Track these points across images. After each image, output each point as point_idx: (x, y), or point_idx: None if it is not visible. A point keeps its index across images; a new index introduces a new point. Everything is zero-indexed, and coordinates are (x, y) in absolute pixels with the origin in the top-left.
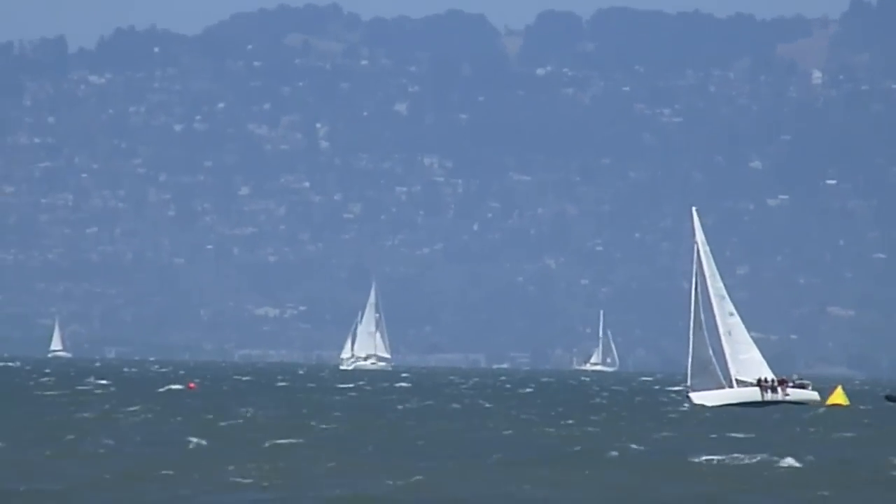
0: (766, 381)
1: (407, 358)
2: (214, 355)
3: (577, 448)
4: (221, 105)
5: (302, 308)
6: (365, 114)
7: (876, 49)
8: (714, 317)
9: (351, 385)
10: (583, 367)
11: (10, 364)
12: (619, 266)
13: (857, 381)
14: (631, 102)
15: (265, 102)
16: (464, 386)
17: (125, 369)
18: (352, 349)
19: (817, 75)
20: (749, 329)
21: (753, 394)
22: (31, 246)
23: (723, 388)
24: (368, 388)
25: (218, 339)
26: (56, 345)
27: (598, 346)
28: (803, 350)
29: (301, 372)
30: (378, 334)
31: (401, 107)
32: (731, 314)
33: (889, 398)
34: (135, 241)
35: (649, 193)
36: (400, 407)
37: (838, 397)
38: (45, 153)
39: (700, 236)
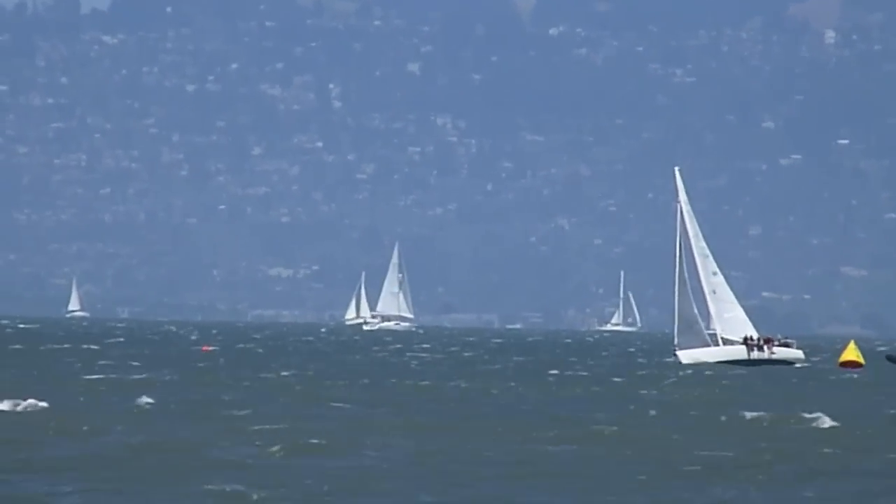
0: (752, 339)
1: (420, 318)
2: (228, 315)
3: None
4: (234, 65)
5: (315, 268)
6: (377, 74)
7: (889, 9)
8: (699, 276)
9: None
10: (602, 328)
11: (30, 326)
12: (632, 226)
13: (874, 341)
14: (644, 62)
15: (278, 62)
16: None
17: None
18: (357, 310)
19: (830, 35)
20: (762, 289)
21: (740, 352)
22: (45, 206)
23: (709, 346)
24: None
25: (231, 300)
26: (74, 305)
27: (619, 305)
28: (817, 310)
29: (323, 331)
30: (401, 295)
31: (413, 67)
32: (715, 273)
33: (890, 358)
34: (147, 202)
35: (662, 153)
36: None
37: (851, 353)
38: (58, 113)
39: (683, 196)
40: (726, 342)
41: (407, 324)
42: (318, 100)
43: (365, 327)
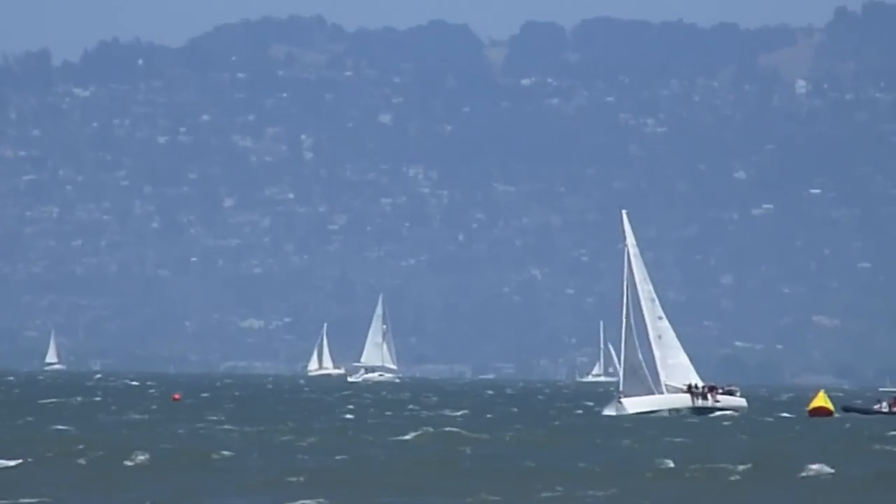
0: (696, 387)
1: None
2: (199, 367)
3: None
4: (206, 117)
5: (287, 320)
6: (349, 125)
7: (861, 58)
8: (645, 321)
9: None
10: (583, 380)
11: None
12: (604, 276)
13: (838, 392)
14: (615, 112)
15: (249, 114)
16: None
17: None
18: (319, 361)
19: (801, 84)
20: (734, 338)
21: (684, 400)
22: (17, 258)
23: (653, 393)
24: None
25: (203, 351)
26: (52, 357)
27: (599, 356)
28: (789, 359)
29: (302, 381)
30: (385, 345)
31: (385, 118)
32: (661, 318)
33: (846, 409)
34: (119, 254)
35: (634, 203)
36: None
37: (821, 400)
38: (29, 166)
39: (630, 239)
40: (669, 389)
41: (391, 375)
42: (290, 151)
43: (349, 379)
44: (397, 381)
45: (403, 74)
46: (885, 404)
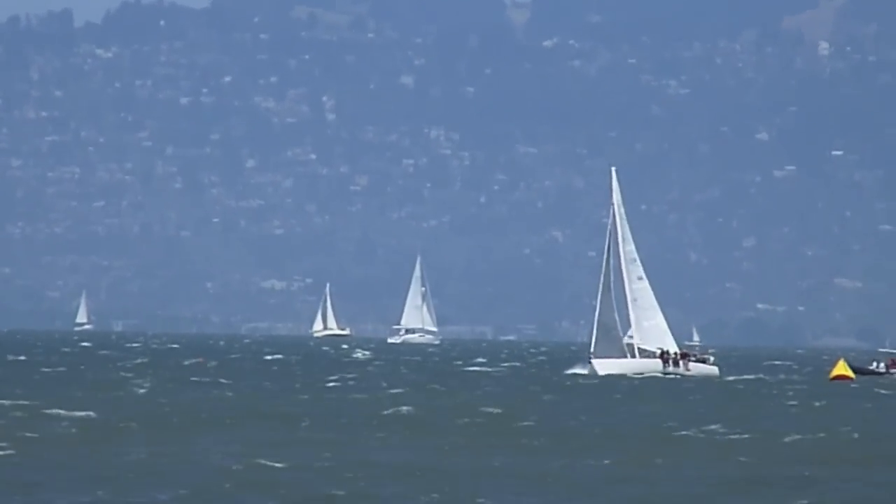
0: (668, 353)
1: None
2: (221, 328)
3: None
4: (228, 78)
5: (308, 281)
6: (371, 86)
7: (883, 20)
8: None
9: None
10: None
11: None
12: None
13: (853, 353)
14: (637, 74)
15: (272, 75)
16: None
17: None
18: (324, 322)
19: (824, 46)
20: (756, 300)
21: (655, 365)
22: (39, 219)
23: (624, 355)
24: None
25: (225, 312)
26: (82, 317)
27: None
28: (811, 322)
29: (345, 346)
30: (425, 307)
31: (407, 79)
32: (640, 278)
33: (854, 370)
34: (141, 214)
35: (656, 165)
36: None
37: (841, 368)
38: (51, 127)
39: (617, 197)
40: (642, 353)
41: (430, 336)
42: (312, 112)
43: (389, 340)
44: (437, 342)
45: (425, 36)
46: (882, 364)
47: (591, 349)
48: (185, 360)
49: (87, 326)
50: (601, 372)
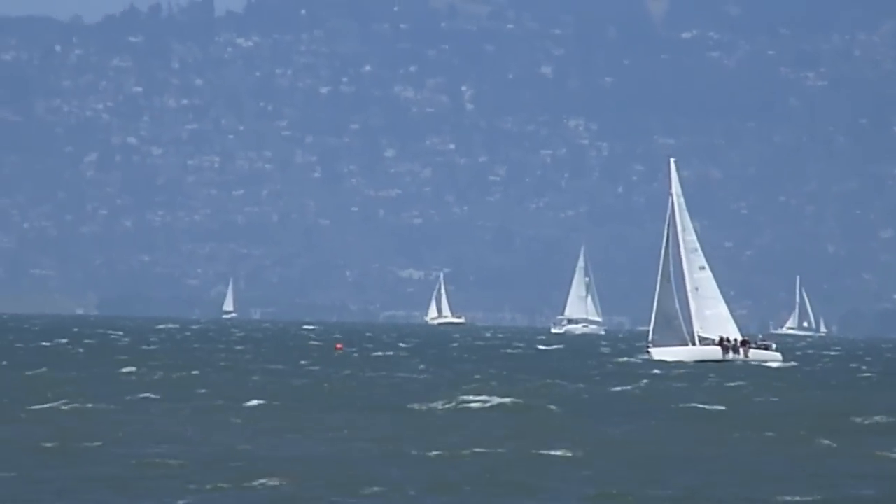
0: (728, 340)
1: (550, 320)
2: (359, 316)
3: None
4: (367, 68)
5: (446, 270)
6: (510, 76)
7: None
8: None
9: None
10: (778, 332)
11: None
12: (763, 229)
13: None
14: (776, 66)
15: (411, 65)
16: None
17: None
18: (438, 310)
19: None
20: (893, 292)
21: (714, 352)
22: (178, 207)
23: (685, 344)
24: None
25: (363, 301)
26: (228, 306)
27: (794, 309)
28: None
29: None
30: (589, 298)
31: (546, 70)
32: (702, 268)
33: None
34: (281, 203)
35: (794, 157)
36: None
37: None
38: (192, 115)
39: (676, 188)
40: (703, 341)
41: (595, 326)
42: (451, 102)
43: (553, 330)
44: (602, 332)
45: (564, 26)
46: None
47: (650, 337)
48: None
49: (233, 315)
50: (657, 358)
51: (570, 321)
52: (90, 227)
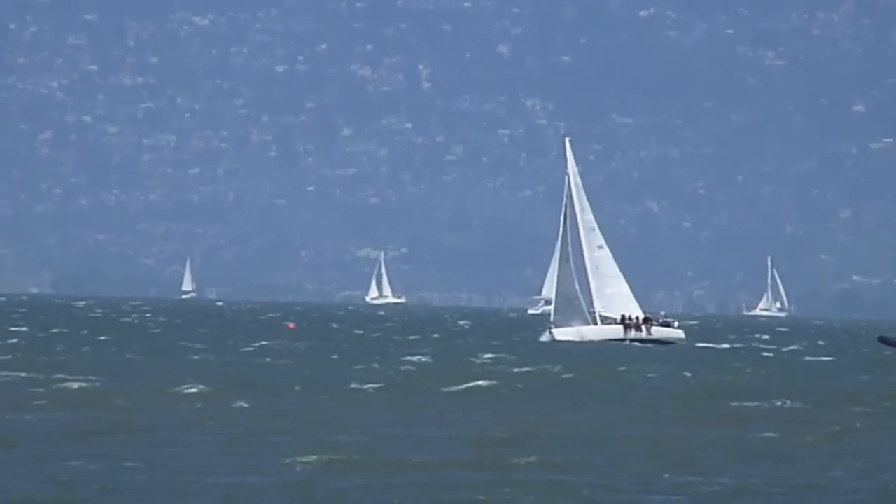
0: (629, 318)
1: (508, 300)
2: (315, 296)
3: None
4: (323, 46)
5: (403, 250)
6: (467, 55)
7: None
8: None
9: None
10: (751, 313)
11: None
12: (721, 209)
13: None
14: (734, 45)
15: (367, 43)
16: None
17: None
18: (378, 289)
19: None
20: (852, 273)
21: (616, 331)
22: (133, 186)
23: (587, 324)
24: None
25: (319, 281)
26: (187, 286)
27: (766, 290)
28: None
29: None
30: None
31: (503, 48)
32: (601, 247)
33: (882, 340)
34: (236, 182)
35: (752, 137)
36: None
37: None
38: (147, 93)
39: (572, 167)
40: (605, 320)
41: None
42: (408, 81)
43: (529, 311)
44: None
45: (522, 5)
46: None
47: (552, 318)
48: None
49: (192, 294)
50: (560, 339)
51: (546, 302)
52: (45, 206)
